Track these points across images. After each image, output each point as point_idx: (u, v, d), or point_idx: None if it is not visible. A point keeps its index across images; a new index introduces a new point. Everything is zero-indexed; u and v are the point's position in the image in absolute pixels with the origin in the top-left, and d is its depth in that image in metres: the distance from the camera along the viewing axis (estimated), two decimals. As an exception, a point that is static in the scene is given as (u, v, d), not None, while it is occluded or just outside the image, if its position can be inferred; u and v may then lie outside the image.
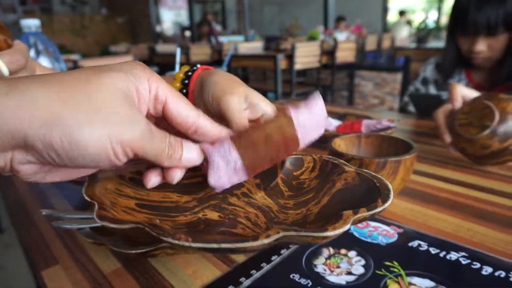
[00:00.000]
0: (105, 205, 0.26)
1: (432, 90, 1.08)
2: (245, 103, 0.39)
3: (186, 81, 0.43)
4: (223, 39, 6.83)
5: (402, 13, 6.41)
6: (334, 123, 0.69)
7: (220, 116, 0.39)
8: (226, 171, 0.28)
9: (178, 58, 0.87)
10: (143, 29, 7.63)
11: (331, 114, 0.78)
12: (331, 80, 3.55)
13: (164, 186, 0.31)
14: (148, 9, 7.23)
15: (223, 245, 0.21)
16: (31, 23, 0.76)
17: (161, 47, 5.42)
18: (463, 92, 0.60)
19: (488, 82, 0.98)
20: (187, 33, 7.16)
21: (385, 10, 7.66)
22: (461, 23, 0.91)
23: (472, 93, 0.60)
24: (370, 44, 5.06)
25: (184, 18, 8.12)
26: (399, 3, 9.48)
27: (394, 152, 0.47)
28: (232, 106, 0.37)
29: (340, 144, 0.50)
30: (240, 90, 0.38)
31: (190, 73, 0.43)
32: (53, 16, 7.21)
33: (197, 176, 0.35)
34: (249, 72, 4.38)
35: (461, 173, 0.53)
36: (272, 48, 3.90)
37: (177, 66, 0.87)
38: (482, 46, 0.90)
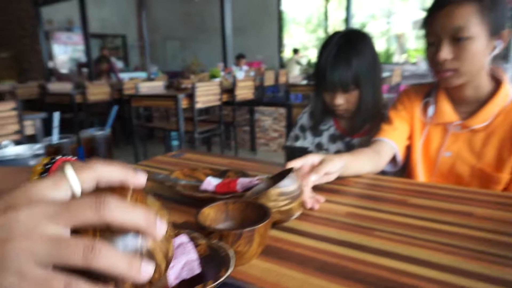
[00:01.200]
0: None
1: (309, 136, 1.22)
2: None
3: (45, 174, 0.44)
4: (124, 76, 6.65)
5: (295, 51, 7.06)
6: (213, 182, 0.75)
7: None
8: None
9: (56, 123, 0.85)
10: (32, 65, 7.02)
11: (212, 171, 0.84)
12: (233, 116, 3.70)
13: None
14: (37, 44, 6.71)
15: None
16: None
17: (55, 86, 5.06)
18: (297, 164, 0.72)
19: (351, 128, 1.15)
20: (85, 70, 6.80)
21: (280, 47, 8.34)
22: (322, 81, 1.07)
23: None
24: (269, 79, 5.43)
25: (82, 54, 7.70)
26: (294, 40, 10.42)
27: (256, 216, 0.54)
28: None
29: (209, 212, 0.55)
30: None
31: (48, 166, 0.44)
32: None
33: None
34: (153, 110, 4.33)
35: (311, 224, 0.62)
36: (174, 87, 3.94)
37: (55, 131, 0.85)
38: (340, 100, 1.06)
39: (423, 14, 0.91)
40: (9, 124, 2.17)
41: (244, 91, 3.73)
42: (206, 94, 3.34)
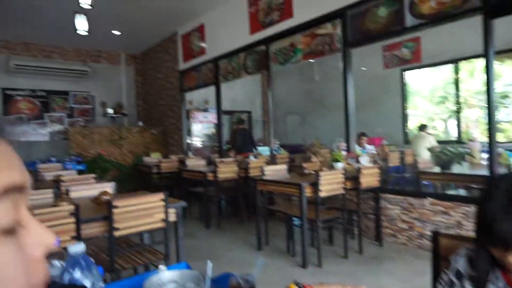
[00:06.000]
0: None
1: (468, 286, 1.05)
2: None
3: None
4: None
5: (422, 127, 6.60)
6: None
7: None
8: None
9: (209, 271, 0.90)
10: (175, 141, 8.16)
11: None
12: (357, 204, 3.53)
13: None
14: (180, 122, 7.83)
15: None
16: (78, 249, 0.83)
17: (191, 162, 5.71)
18: None
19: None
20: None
21: (404, 121, 7.96)
22: (488, 235, 0.92)
23: None
24: (393, 160, 5.15)
25: (213, 130, 8.65)
26: (417, 111, 9.84)
27: None
28: None
29: None
30: None
31: None
32: (94, 129, 7.89)
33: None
34: (274, 194, 4.46)
35: None
36: (297, 172, 4.01)
37: (207, 280, 0.89)
38: (514, 259, 0.89)
39: None
40: (157, 212, 2.47)
41: (369, 179, 3.57)
42: (330, 183, 3.30)
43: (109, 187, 3.13)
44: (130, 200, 2.36)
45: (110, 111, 8.82)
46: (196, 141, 8.09)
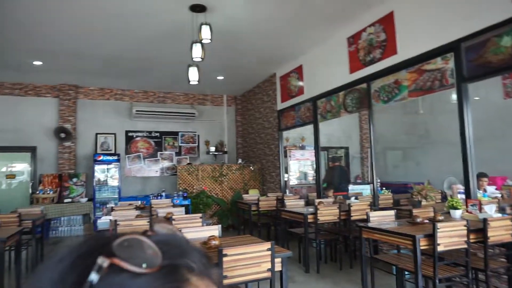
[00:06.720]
0: None
1: None
2: None
3: None
4: (349, 188, 6.85)
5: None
6: None
7: None
8: None
9: None
10: (272, 177, 8.28)
11: None
12: (484, 261, 3.05)
13: None
14: (277, 160, 7.95)
15: None
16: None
17: (289, 202, 5.68)
18: None
19: None
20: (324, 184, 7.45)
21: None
22: None
23: None
24: (526, 206, 4.38)
25: (308, 168, 8.57)
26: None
27: None
28: None
29: None
30: None
31: None
32: (199, 166, 8.48)
33: None
34: (379, 241, 4.14)
35: None
36: (407, 220, 3.68)
37: None
38: None
39: None
40: (263, 262, 2.47)
41: (500, 232, 3.07)
42: (450, 235, 2.93)
43: (216, 229, 3.26)
44: (239, 249, 2.40)
45: (213, 148, 9.43)
46: (293, 178, 8.08)
